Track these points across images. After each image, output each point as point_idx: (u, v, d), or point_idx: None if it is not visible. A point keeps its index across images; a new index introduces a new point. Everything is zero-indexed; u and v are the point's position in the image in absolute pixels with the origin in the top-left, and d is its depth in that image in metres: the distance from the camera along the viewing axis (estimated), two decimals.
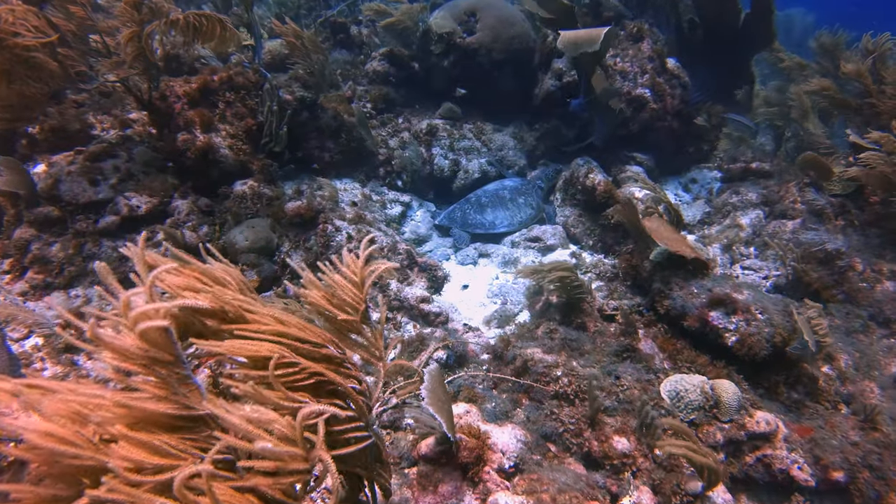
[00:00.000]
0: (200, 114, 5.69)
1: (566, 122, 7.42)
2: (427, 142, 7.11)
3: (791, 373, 4.11)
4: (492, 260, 6.15)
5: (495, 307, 5.35)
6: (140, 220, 5.44)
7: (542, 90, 7.54)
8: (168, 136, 5.68)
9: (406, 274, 4.82)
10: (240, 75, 5.99)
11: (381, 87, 7.64)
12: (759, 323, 4.05)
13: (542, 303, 4.70)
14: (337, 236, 5.07)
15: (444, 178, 7.06)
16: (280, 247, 5.20)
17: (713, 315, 4.17)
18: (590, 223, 6.18)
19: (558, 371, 3.84)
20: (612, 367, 4.01)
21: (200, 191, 5.71)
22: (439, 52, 7.32)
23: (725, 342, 4.12)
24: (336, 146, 6.54)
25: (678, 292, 4.41)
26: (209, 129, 5.73)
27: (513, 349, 4.10)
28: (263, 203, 5.43)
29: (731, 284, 4.37)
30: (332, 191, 5.86)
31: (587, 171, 6.05)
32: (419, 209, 6.90)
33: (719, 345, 4.15)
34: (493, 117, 7.83)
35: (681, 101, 7.16)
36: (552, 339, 4.20)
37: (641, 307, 4.90)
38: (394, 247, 4.88)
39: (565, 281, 4.33)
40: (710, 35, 6.77)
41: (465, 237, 6.43)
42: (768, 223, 6.17)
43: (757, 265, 5.78)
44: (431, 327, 4.63)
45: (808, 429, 3.73)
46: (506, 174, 7.23)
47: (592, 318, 4.59)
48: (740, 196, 6.49)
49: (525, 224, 6.54)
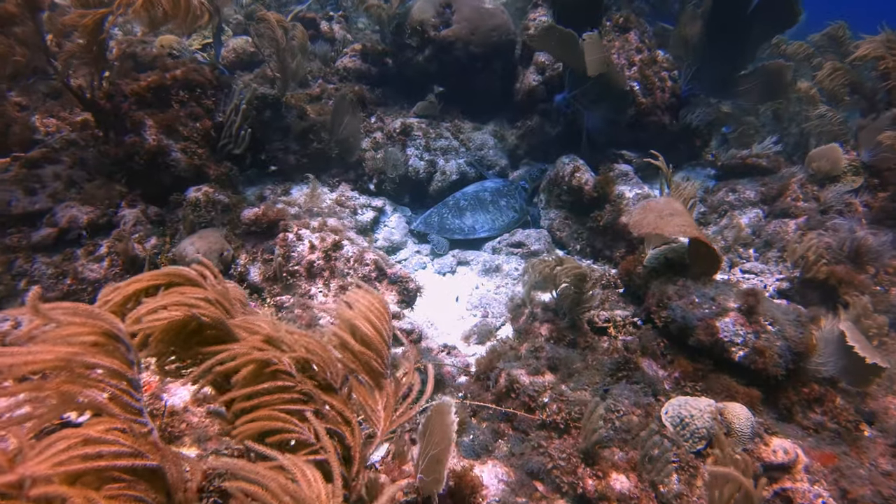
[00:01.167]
0: (151, 115, 5.17)
1: (550, 119, 6.96)
2: (401, 142, 6.62)
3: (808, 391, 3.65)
4: (471, 268, 5.67)
5: (475, 320, 4.86)
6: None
7: (523, 85, 7.08)
8: (115, 139, 5.14)
9: (374, 287, 4.32)
10: (195, 72, 5.48)
11: (353, 84, 7.14)
12: (770, 335, 3.58)
13: (525, 316, 4.21)
14: (298, 246, 4.56)
15: (419, 181, 6.57)
16: (236, 259, 4.68)
17: (718, 327, 3.70)
18: (577, 226, 5.71)
19: (546, 396, 3.36)
20: (606, 388, 3.53)
21: (152, 199, 5.18)
22: (414, 45, 6.84)
23: (732, 357, 3.65)
24: (302, 148, 6.02)
25: (677, 302, 3.95)
26: (160, 130, 5.20)
27: (494, 371, 3.62)
28: (219, 210, 4.91)
29: (736, 292, 3.91)
30: (310, 192, 5.34)
31: (573, 169, 5.59)
32: (393, 214, 6.41)
33: (725, 360, 3.69)
34: (472, 115, 7.37)
35: (671, 94, 6.73)
36: (538, 358, 3.72)
37: (636, 318, 4.44)
38: (360, 257, 4.38)
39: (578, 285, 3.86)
40: (716, 18, 6.32)
41: (443, 244, 5.94)
42: (768, 223, 5.74)
43: (758, 268, 5.35)
44: (402, 347, 4.12)
45: (831, 456, 3.27)
46: (486, 175, 6.76)
47: (581, 333, 4.11)
48: (737, 194, 6.07)
49: (508, 228, 6.07)
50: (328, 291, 4.43)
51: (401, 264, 5.92)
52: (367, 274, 4.34)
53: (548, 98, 6.92)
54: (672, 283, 4.11)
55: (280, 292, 4.49)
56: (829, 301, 4.69)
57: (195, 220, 4.85)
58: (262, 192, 5.83)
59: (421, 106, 7.00)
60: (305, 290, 4.48)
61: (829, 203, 5.35)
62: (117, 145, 5.09)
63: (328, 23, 8.29)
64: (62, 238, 4.82)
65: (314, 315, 4.33)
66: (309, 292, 4.47)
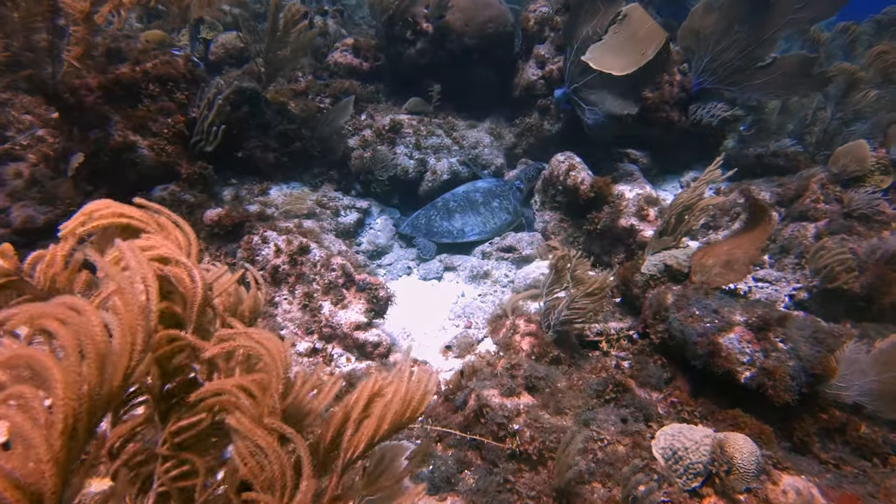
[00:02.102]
0: (117, 109, 4.85)
1: (549, 116, 6.53)
2: (390, 139, 6.23)
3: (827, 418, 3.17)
4: (458, 274, 5.25)
5: (457, 330, 4.44)
6: (38, 233, 4.60)
7: (521, 80, 6.67)
8: (79, 134, 4.83)
9: (341, 294, 3.92)
10: (168, 65, 5.14)
11: (343, 80, 6.77)
12: (782, 354, 3.11)
13: (507, 328, 3.78)
14: (263, 249, 4.19)
15: (409, 181, 6.18)
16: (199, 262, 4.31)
17: (721, 344, 3.24)
18: (573, 229, 5.27)
19: (518, 422, 2.92)
20: (590, 413, 3.09)
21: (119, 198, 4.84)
22: (406, 38, 6.46)
23: (737, 378, 3.18)
24: (282, 146, 5.66)
25: (675, 314, 3.49)
26: (127, 126, 4.88)
27: (464, 391, 3.19)
28: (183, 211, 4.56)
29: (742, 304, 3.45)
30: (293, 196, 4.99)
31: (568, 167, 5.14)
32: (379, 216, 6.01)
33: (730, 382, 3.22)
34: (467, 111, 6.97)
35: (680, 88, 6.26)
36: (513, 377, 3.28)
37: (632, 331, 3.98)
38: (327, 262, 3.98)
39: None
40: (738, 5, 5.83)
41: (430, 248, 5.53)
42: (785, 226, 5.24)
43: (773, 276, 4.85)
44: (368, 360, 3.73)
45: (854, 498, 2.78)
46: (480, 175, 6.34)
47: (568, 348, 3.67)
48: None
49: (500, 231, 5.64)
50: (293, 299, 4.04)
51: (385, 269, 5.53)
52: (334, 280, 3.94)
53: (547, 93, 6.50)
54: (671, 292, 3.66)
55: None
56: (854, 314, 4.19)
57: None
58: (239, 193, 5.47)
59: (413, 102, 6.61)
60: (268, 297, 4.11)
61: (856, 205, 4.83)
62: (81, 141, 4.78)
63: (322, 18, 7.96)
64: (13, 239, 4.51)
65: (275, 323, 3.95)
66: (273, 299, 4.10)
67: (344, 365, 3.70)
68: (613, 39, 5.06)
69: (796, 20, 5.60)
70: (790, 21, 5.62)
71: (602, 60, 5.05)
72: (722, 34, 6.00)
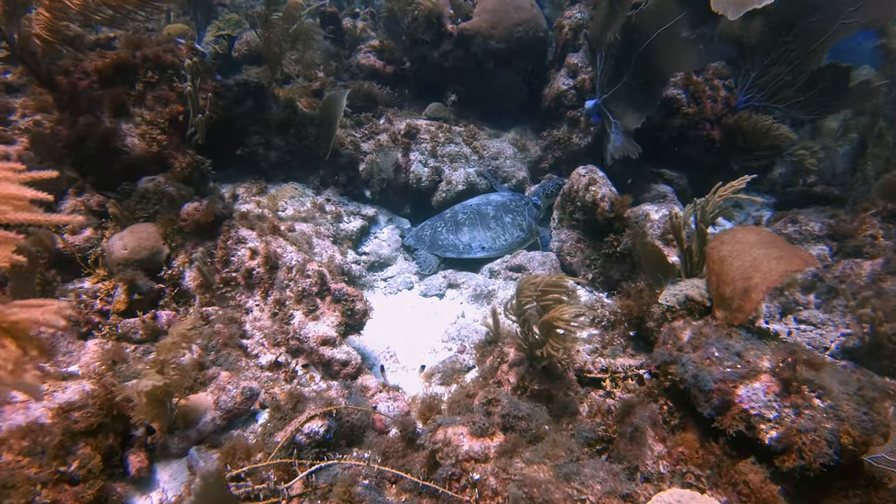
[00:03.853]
0: (109, 94, 4.63)
1: (579, 130, 6.04)
2: (405, 145, 5.86)
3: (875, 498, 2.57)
4: (461, 292, 4.80)
5: (448, 354, 3.98)
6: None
7: (552, 90, 6.22)
8: (69, 119, 4.64)
9: (314, 304, 3.52)
10: (169, 53, 4.92)
11: (362, 83, 6.47)
12: (817, 413, 2.54)
13: (493, 357, 3.30)
14: (238, 250, 3.84)
15: (421, 190, 5.79)
16: (172, 259, 4.01)
17: (741, 394, 2.69)
18: (590, 251, 4.74)
19: (482, 470, 2.44)
20: (574, 466, 2.57)
21: (105, 186, 4.63)
22: (429, 40, 6.12)
23: (759, 438, 2.62)
24: (286, 144, 5.36)
25: (690, 354, 2.95)
26: (120, 112, 4.66)
27: (426, 427, 2.73)
28: (165, 204, 4.27)
29: (773, 347, 2.89)
30: (272, 197, 4.67)
31: (589, 181, 4.64)
32: (387, 225, 5.63)
33: (750, 441, 2.66)
34: (491, 120, 6.56)
35: (724, 105, 5.69)
36: (489, 413, 2.80)
37: (643, 370, 3.45)
38: (302, 267, 3.60)
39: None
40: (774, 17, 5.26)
41: (430, 262, 5.10)
42: (836, 262, 4.60)
43: (819, 318, 4.23)
44: (333, 380, 3.30)
45: None
46: (498, 188, 5.89)
47: (562, 384, 3.16)
48: (798, 226, 4.94)
49: (511, 249, 5.16)
50: (264, 305, 3.67)
51: (385, 282, 5.13)
52: (308, 288, 3.55)
53: (578, 104, 6.02)
54: (690, 328, 3.13)
55: (210, 301, 3.78)
56: None
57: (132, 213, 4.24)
58: (236, 191, 5.19)
59: (433, 107, 6.25)
60: (241, 302, 3.75)
61: None
62: (71, 126, 4.58)
63: (352, 19, 7.72)
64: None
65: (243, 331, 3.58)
66: (245, 304, 3.74)
67: (307, 383, 3.29)
68: None
69: (849, 25, 4.98)
70: (843, 27, 5.01)
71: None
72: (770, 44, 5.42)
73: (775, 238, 3.07)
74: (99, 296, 3.78)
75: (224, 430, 2.91)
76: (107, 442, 2.62)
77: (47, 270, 3.91)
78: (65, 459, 2.34)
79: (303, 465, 2.51)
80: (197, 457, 2.70)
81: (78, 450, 2.41)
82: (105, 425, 2.64)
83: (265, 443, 2.66)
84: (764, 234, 3.09)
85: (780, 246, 2.92)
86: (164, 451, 2.77)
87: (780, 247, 2.90)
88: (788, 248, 2.85)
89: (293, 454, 2.57)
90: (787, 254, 2.78)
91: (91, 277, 3.95)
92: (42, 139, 4.58)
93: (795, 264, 2.71)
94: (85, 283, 3.95)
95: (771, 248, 2.87)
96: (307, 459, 2.54)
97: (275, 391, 3.14)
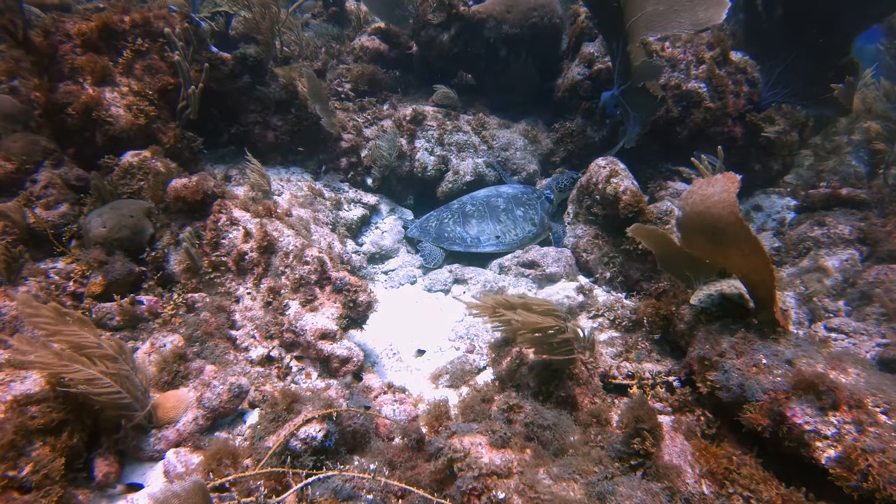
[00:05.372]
0: (93, 60, 4.27)
1: (594, 122, 5.74)
2: (410, 132, 5.53)
3: None
4: (469, 288, 4.47)
5: (455, 354, 3.65)
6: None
7: (566, 80, 5.91)
8: (48, 85, 4.27)
9: (312, 294, 3.18)
10: (161, 19, 4.56)
11: (366, 65, 6.13)
12: (885, 431, 2.24)
13: (510, 358, 2.98)
14: (231, 232, 3.49)
15: (427, 179, 5.46)
16: (156, 240, 3.66)
17: (794, 408, 2.38)
18: (609, 248, 4.43)
19: (506, 487, 2.12)
20: (608, 484, 2.25)
21: (86, 160, 4.26)
22: (438, 22, 5.79)
23: (815, 457, 2.31)
24: (284, 124, 5.02)
25: (733, 361, 2.65)
26: (104, 80, 4.30)
27: (442, 433, 2.39)
28: (150, 180, 3.91)
29: (827, 354, 2.59)
30: (258, 177, 4.32)
31: (610, 173, 4.33)
32: (389, 215, 5.30)
33: (803, 460, 2.36)
34: (501, 110, 6.24)
35: (748, 101, 5.41)
36: (511, 422, 2.48)
37: (672, 377, 3.14)
38: (300, 253, 3.26)
39: (546, 333, 2.61)
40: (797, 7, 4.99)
41: (436, 255, 4.78)
42: (867, 268, 4.33)
43: (850, 327, 3.94)
44: (332, 379, 2.96)
45: None
46: (507, 180, 5.57)
47: (587, 390, 2.85)
48: (826, 228, 4.66)
49: (522, 244, 4.84)
50: (257, 293, 3.33)
51: (386, 276, 4.80)
52: (306, 276, 3.21)
53: (593, 96, 5.71)
54: (729, 332, 2.82)
55: (197, 287, 3.42)
56: None
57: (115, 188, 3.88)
58: (229, 172, 4.85)
59: (441, 94, 5.92)
60: (230, 289, 3.40)
61: None
62: (49, 92, 4.22)
63: (356, 1, 7.38)
64: None
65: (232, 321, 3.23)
66: (235, 292, 3.39)
67: (302, 381, 2.95)
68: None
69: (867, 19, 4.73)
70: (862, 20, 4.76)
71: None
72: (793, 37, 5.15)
73: None
74: (73, 277, 3.42)
75: (207, 430, 2.56)
76: (70, 442, 2.27)
77: (13, 247, 3.54)
78: (15, 462, 1.98)
79: (297, 475, 2.17)
80: (175, 461, 2.35)
81: (33, 451, 2.05)
82: (68, 422, 2.29)
83: (255, 448, 2.32)
84: None
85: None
86: (136, 454, 2.42)
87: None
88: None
89: (286, 462, 2.23)
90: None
91: (65, 257, 3.59)
92: (13, 105, 4.21)
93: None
94: (59, 262, 3.59)
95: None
96: (302, 469, 2.20)
97: (266, 389, 2.80)
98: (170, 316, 3.18)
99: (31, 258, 3.61)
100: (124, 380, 2.33)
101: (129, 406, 2.36)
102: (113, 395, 2.29)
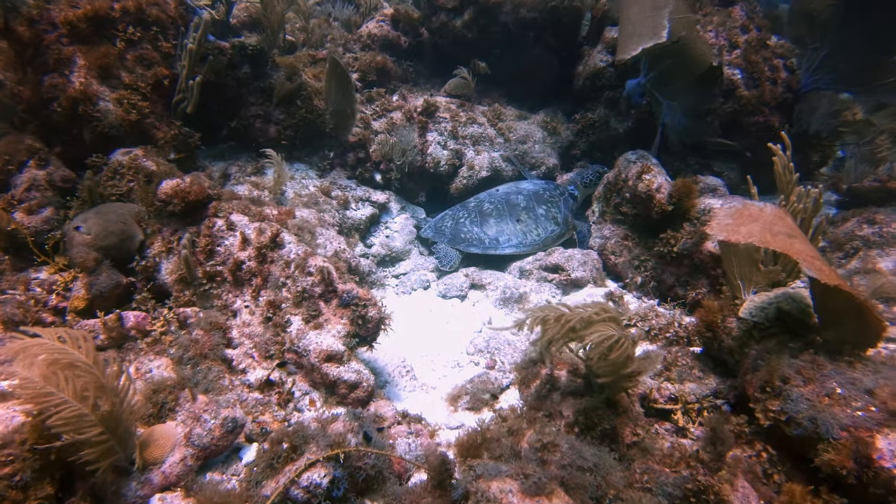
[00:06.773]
0: (81, 51, 3.95)
1: (618, 112, 5.36)
2: (422, 124, 5.19)
3: None
4: (487, 294, 4.13)
5: (475, 370, 3.32)
6: None
7: (587, 68, 5.52)
8: (32, 78, 3.96)
9: (316, 309, 2.86)
10: (154, 6, 4.23)
11: (374, 53, 5.77)
12: None
13: (540, 381, 2.64)
14: (227, 238, 3.17)
15: (439, 175, 5.11)
16: (147, 247, 3.34)
17: (883, 448, 2.03)
18: (640, 250, 4.08)
19: None
20: None
21: (73, 159, 3.95)
22: (450, 6, 5.42)
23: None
24: (288, 117, 4.68)
25: (800, 389, 2.29)
26: (91, 73, 3.98)
27: (466, 476, 2.06)
28: (141, 181, 3.60)
29: None
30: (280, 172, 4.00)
31: (641, 169, 3.97)
32: (400, 214, 4.96)
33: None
34: (518, 100, 5.87)
35: (786, 87, 5.01)
36: (544, 462, 2.15)
37: (720, 400, 2.79)
38: (303, 263, 2.93)
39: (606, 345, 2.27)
40: None
41: (452, 257, 4.44)
42: None
43: None
44: (340, 407, 2.64)
45: None
46: (526, 175, 5.21)
47: (628, 418, 2.50)
48: (878, 227, 4.27)
49: (545, 245, 4.49)
50: (255, 307, 3.01)
51: (397, 280, 4.47)
52: (309, 288, 2.88)
53: (617, 84, 5.33)
54: (790, 352, 2.46)
55: (191, 300, 3.11)
56: None
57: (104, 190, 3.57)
58: (228, 170, 4.53)
59: (453, 84, 5.56)
60: (227, 302, 3.08)
61: None
62: (34, 86, 3.91)
63: None
64: None
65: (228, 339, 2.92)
66: (232, 305, 3.07)
67: (306, 409, 2.63)
68: None
69: None
70: None
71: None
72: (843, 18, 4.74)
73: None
74: (55, 289, 3.12)
75: (198, 471, 2.24)
76: (42, 492, 1.97)
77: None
78: None
79: None
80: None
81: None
82: (42, 469, 1.99)
83: (251, 495, 2.00)
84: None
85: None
86: (117, 501, 2.11)
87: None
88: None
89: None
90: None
91: (48, 267, 3.28)
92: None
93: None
94: (42, 272, 3.29)
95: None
96: None
97: (265, 419, 2.49)
98: (160, 334, 2.87)
99: (11, 267, 3.33)
100: (112, 419, 2.02)
101: (112, 449, 2.05)
102: (101, 442, 1.98)
